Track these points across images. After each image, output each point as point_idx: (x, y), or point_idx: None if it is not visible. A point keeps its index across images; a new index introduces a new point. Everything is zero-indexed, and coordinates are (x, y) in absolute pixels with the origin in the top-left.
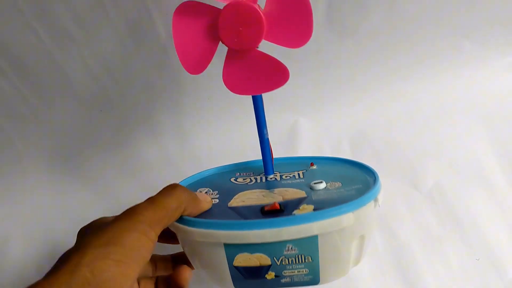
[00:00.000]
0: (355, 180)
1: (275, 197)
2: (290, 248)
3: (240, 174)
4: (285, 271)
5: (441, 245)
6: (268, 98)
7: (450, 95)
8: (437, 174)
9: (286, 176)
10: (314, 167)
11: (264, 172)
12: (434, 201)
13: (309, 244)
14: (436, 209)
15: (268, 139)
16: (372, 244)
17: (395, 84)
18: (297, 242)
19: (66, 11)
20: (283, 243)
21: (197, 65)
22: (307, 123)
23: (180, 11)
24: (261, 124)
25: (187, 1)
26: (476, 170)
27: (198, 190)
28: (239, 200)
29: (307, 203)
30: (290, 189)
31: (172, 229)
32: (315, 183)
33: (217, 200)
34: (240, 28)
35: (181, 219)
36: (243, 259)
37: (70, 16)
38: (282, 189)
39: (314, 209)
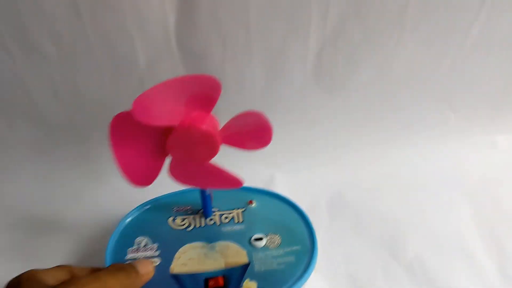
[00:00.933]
0: (294, 236)
1: (217, 259)
2: None
3: (177, 210)
4: None
5: None
6: None
7: (433, 165)
8: (418, 246)
9: (225, 218)
10: (253, 205)
11: (204, 214)
12: (414, 273)
13: None
14: (416, 281)
15: (209, 195)
16: None
17: (378, 147)
18: None
19: (42, 28)
20: None
21: (144, 179)
22: (284, 178)
23: (118, 122)
24: None
25: (124, 112)
26: (458, 244)
27: (136, 241)
28: (180, 262)
29: (250, 278)
30: (232, 246)
31: None
32: (255, 240)
33: (158, 260)
34: (192, 147)
35: None
36: None
37: (46, 33)
38: (223, 245)
39: None
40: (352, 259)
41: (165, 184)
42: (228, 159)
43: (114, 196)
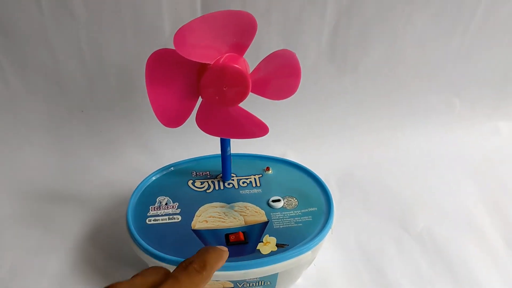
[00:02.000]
0: (310, 199)
1: (237, 217)
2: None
3: (196, 175)
4: None
5: (432, 286)
6: None
7: (439, 150)
8: (427, 218)
9: (243, 183)
10: (270, 171)
11: (222, 178)
12: (424, 244)
13: (270, 276)
14: (426, 251)
15: (230, 155)
16: (359, 283)
17: (386, 130)
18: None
19: None
20: None
21: (174, 120)
22: (295, 156)
23: (155, 59)
24: (225, 143)
25: (163, 49)
26: (465, 217)
27: (157, 199)
28: (201, 219)
29: (270, 234)
30: (250, 206)
31: (138, 254)
32: (273, 201)
33: (180, 218)
34: (224, 88)
35: (150, 253)
36: (207, 285)
37: None
38: (242, 205)
39: (277, 245)
40: (363, 232)
41: (181, 153)
42: None
43: (130, 168)
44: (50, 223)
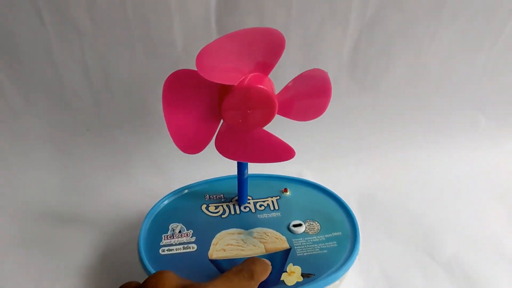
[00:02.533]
0: (333, 223)
1: (257, 244)
2: None
3: (209, 198)
4: None
5: None
6: None
7: (464, 170)
8: (454, 245)
9: (260, 206)
10: (288, 193)
11: (238, 201)
12: (453, 272)
13: None
14: (455, 280)
15: (247, 178)
16: None
17: (408, 149)
18: None
19: None
20: None
21: (193, 145)
22: (312, 176)
23: (173, 81)
24: (242, 165)
25: (182, 70)
26: (494, 244)
27: (170, 227)
28: (219, 247)
29: (294, 263)
30: (270, 232)
31: None
32: (294, 226)
33: (195, 247)
34: (248, 111)
35: None
36: None
37: (83, 3)
38: (261, 231)
39: (302, 275)
40: (388, 258)
41: (193, 175)
42: None
43: (139, 188)
44: (54, 248)
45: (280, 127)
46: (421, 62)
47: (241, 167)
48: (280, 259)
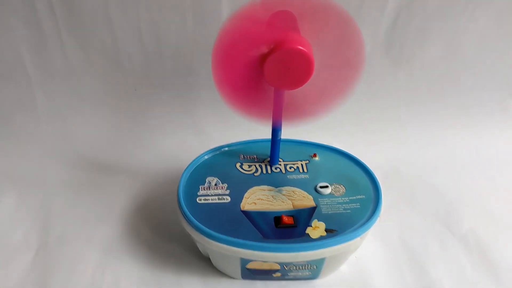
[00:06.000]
0: (358, 187)
1: (285, 201)
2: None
3: (244, 158)
4: (291, 273)
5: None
6: None
7: (489, 150)
8: (473, 220)
9: (290, 168)
10: (317, 158)
11: (270, 162)
12: (469, 245)
13: (318, 261)
14: (470, 253)
15: (280, 140)
16: (401, 280)
17: (436, 127)
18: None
19: None
20: None
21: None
22: (341, 147)
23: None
24: (277, 127)
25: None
26: None
27: (207, 179)
28: (250, 201)
29: (318, 219)
30: (297, 191)
31: (192, 236)
32: (321, 187)
33: (229, 198)
34: (288, 69)
35: (201, 231)
36: (256, 265)
37: None
38: (289, 189)
39: (326, 230)
40: (407, 228)
41: (229, 135)
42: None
43: (178, 146)
44: (100, 194)
45: None
46: (456, 42)
47: (275, 129)
48: (306, 215)
